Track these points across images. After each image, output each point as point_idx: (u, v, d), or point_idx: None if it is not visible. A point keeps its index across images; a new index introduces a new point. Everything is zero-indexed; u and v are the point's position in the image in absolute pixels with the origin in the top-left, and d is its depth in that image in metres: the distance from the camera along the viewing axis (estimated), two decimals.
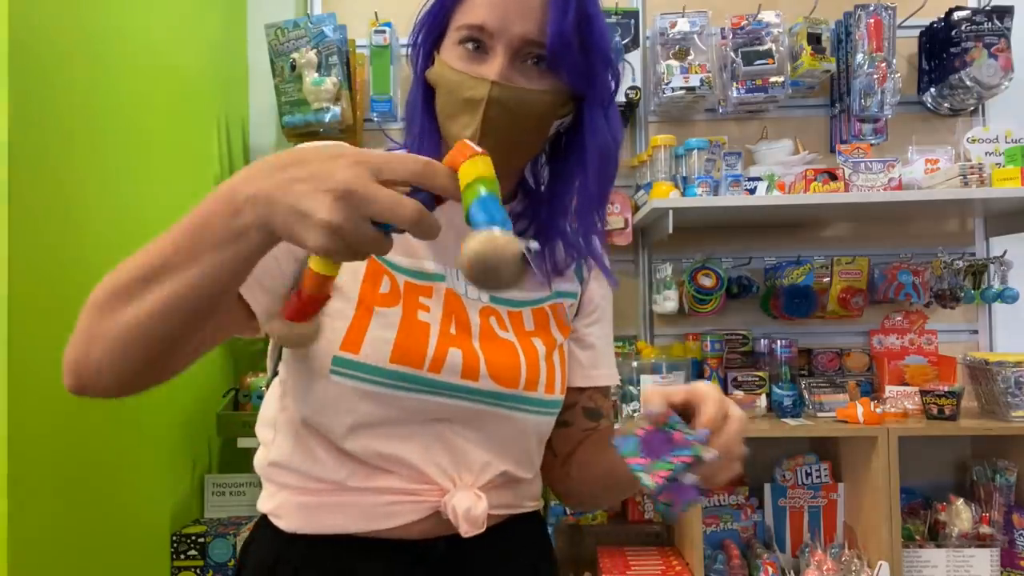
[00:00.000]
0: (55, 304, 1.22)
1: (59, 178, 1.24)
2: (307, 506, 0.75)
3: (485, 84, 0.70)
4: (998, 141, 1.96)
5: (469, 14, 0.72)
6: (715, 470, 0.63)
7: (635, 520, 2.03)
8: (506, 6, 0.70)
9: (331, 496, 0.75)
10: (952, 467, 2.04)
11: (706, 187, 1.87)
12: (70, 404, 1.25)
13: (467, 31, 0.72)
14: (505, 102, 0.71)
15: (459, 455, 0.76)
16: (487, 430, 0.77)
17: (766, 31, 2.00)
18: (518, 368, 0.77)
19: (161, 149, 1.61)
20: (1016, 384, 1.75)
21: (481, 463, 0.77)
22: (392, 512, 0.74)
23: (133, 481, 1.47)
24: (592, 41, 0.72)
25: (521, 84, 0.71)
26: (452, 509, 0.73)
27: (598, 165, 0.78)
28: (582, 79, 0.73)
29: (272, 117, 2.10)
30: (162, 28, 1.63)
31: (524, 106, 0.72)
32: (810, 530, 1.94)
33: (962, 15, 1.99)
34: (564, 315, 0.86)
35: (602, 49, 0.73)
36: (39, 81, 1.19)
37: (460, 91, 0.72)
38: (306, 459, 0.75)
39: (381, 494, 0.74)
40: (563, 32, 0.69)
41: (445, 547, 0.76)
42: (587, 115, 0.76)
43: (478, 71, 0.71)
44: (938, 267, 2.02)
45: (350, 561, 0.74)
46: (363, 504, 0.74)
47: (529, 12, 0.70)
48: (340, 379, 0.71)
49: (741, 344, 2.09)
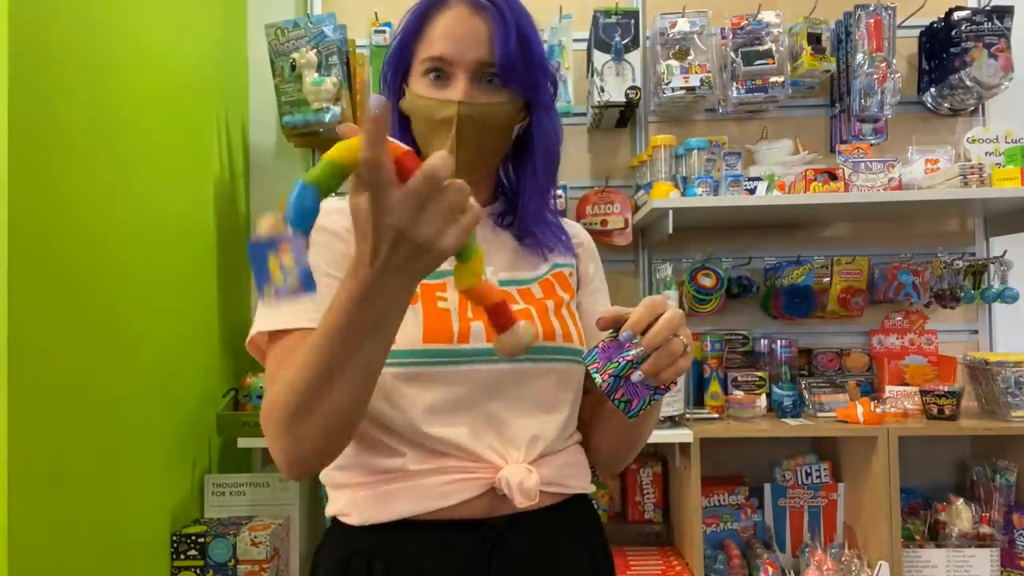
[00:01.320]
0: (55, 304, 1.22)
1: (59, 178, 1.24)
2: (371, 498, 0.82)
3: (453, 105, 0.83)
4: (998, 141, 1.96)
5: (429, 48, 0.85)
6: (657, 365, 0.72)
7: (635, 520, 2.03)
8: (460, 38, 0.84)
9: (392, 484, 0.81)
10: (952, 467, 2.04)
11: (706, 187, 1.87)
12: (70, 404, 1.26)
13: (430, 63, 0.85)
14: (473, 117, 0.84)
15: (506, 432, 0.83)
16: (525, 394, 0.85)
17: (766, 31, 2.00)
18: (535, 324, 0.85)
19: (161, 149, 1.61)
20: (1016, 384, 1.75)
21: (527, 438, 0.84)
22: (450, 491, 0.80)
23: (133, 481, 1.47)
24: (533, 57, 0.86)
25: (483, 100, 0.84)
26: (506, 482, 0.80)
27: (544, 155, 0.92)
28: (529, 88, 0.87)
29: (272, 117, 2.10)
30: (162, 28, 1.63)
31: (489, 118, 0.85)
32: (810, 530, 1.94)
33: (962, 15, 1.99)
34: (566, 280, 0.97)
35: (541, 63, 0.88)
36: (39, 81, 1.19)
37: (433, 114, 0.85)
38: (364, 454, 0.83)
39: (438, 474, 0.81)
40: (509, 53, 0.83)
41: (504, 525, 0.82)
42: (535, 117, 0.90)
43: (445, 95, 0.84)
44: (938, 267, 2.02)
45: (416, 545, 0.81)
46: (423, 487, 0.81)
47: (480, 40, 0.84)
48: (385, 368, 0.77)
49: (741, 344, 2.09)
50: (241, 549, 1.62)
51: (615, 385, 0.73)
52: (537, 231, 0.95)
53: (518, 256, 0.94)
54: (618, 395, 0.74)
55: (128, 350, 1.45)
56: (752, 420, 1.87)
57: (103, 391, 1.35)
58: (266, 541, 1.63)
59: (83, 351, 1.30)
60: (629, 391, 0.74)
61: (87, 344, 1.31)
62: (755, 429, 1.82)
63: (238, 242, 2.07)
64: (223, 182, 1.95)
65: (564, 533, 0.87)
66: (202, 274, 1.83)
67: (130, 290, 1.46)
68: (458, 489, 0.81)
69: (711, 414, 1.92)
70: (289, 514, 1.80)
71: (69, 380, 1.25)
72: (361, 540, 0.82)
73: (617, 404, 0.75)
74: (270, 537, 1.64)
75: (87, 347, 1.31)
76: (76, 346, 1.28)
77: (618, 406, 0.75)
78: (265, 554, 1.62)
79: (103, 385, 1.35)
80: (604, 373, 0.74)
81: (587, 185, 2.15)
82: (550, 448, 0.86)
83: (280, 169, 2.15)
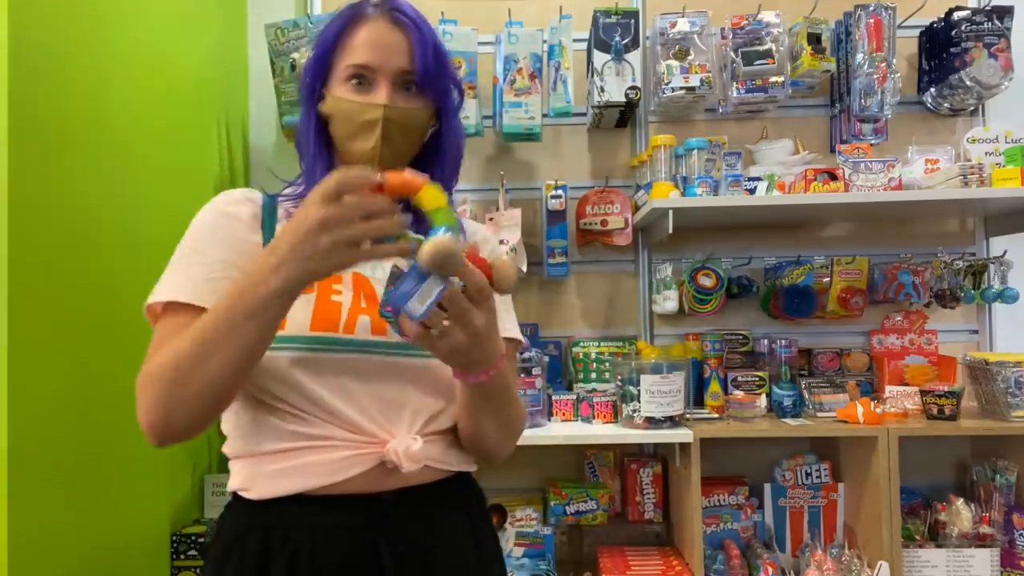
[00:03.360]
0: (55, 304, 1.22)
1: (59, 178, 1.24)
2: (265, 473, 0.87)
3: (379, 108, 0.91)
4: (998, 141, 1.96)
5: (353, 56, 0.92)
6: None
7: (635, 520, 2.03)
8: (384, 48, 0.92)
9: (286, 461, 0.87)
10: (952, 467, 2.04)
11: (706, 187, 1.87)
12: (70, 404, 1.26)
13: (354, 69, 0.92)
14: (396, 120, 0.91)
15: (391, 410, 0.89)
16: (408, 382, 0.91)
17: (766, 31, 2.00)
18: None
19: (161, 149, 1.61)
20: (1016, 384, 1.75)
21: (411, 412, 0.90)
22: (340, 467, 0.86)
23: (133, 481, 1.47)
24: (444, 67, 0.95)
25: (403, 105, 0.92)
26: (394, 452, 0.86)
27: (454, 155, 1.01)
28: (442, 95, 0.96)
29: (272, 117, 2.11)
30: (162, 28, 1.63)
31: (410, 121, 0.93)
32: (810, 530, 1.94)
33: (962, 15, 1.99)
34: None
35: (450, 73, 0.97)
36: (39, 81, 1.19)
37: (358, 116, 0.91)
38: (259, 431, 0.88)
39: (329, 451, 0.86)
40: (426, 62, 0.92)
41: (394, 498, 0.88)
42: (444, 122, 0.99)
43: (369, 99, 0.92)
44: (938, 267, 2.02)
45: (311, 517, 0.86)
46: (315, 463, 0.86)
47: (400, 51, 0.92)
48: (273, 352, 0.84)
49: (741, 344, 2.09)
50: None
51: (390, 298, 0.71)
52: None
53: None
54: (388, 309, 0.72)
55: (128, 350, 1.44)
56: (752, 420, 1.87)
57: (103, 391, 1.35)
58: None
59: (83, 351, 1.30)
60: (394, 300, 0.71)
61: (87, 344, 1.31)
62: (755, 429, 1.82)
63: None
64: (223, 182, 1.95)
65: (447, 506, 0.94)
66: None
67: (130, 290, 1.46)
68: (348, 465, 0.86)
69: (711, 414, 1.92)
70: None
71: (69, 380, 1.25)
72: (258, 514, 0.88)
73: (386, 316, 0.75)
74: None
75: (87, 347, 1.31)
76: (76, 346, 1.28)
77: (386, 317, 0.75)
78: None
79: (103, 385, 1.35)
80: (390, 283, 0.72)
81: (587, 185, 2.15)
82: (434, 427, 0.92)
83: (280, 169, 2.14)
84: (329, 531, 0.86)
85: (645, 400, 1.78)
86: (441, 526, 0.92)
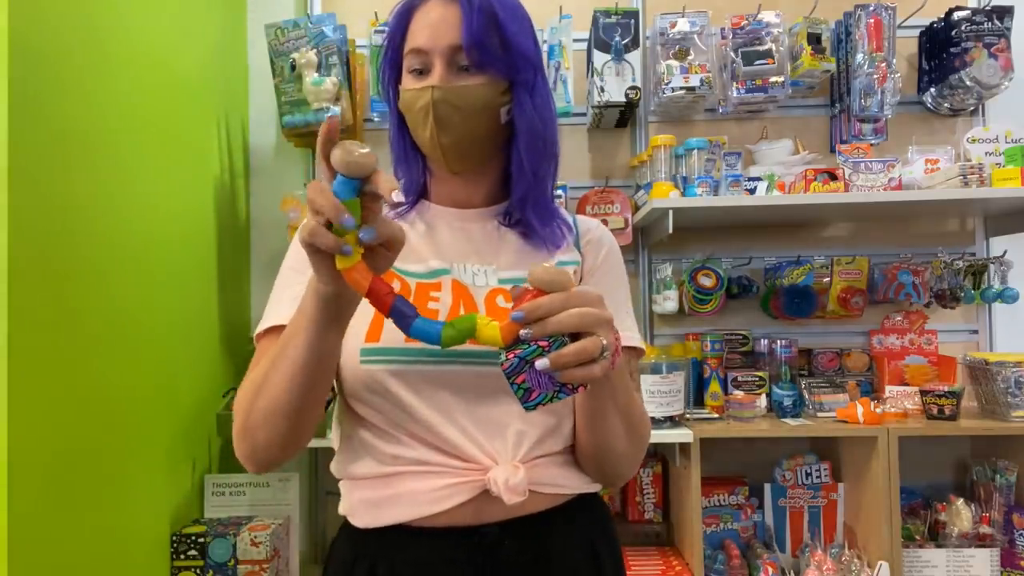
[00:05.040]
0: (55, 304, 1.22)
1: (59, 178, 1.24)
2: (370, 501, 0.84)
3: (427, 91, 0.84)
4: (998, 141, 1.96)
5: (411, 42, 0.86)
6: (562, 360, 0.63)
7: (635, 520, 2.03)
8: (434, 27, 0.84)
9: (383, 488, 0.84)
10: (952, 467, 2.04)
11: (706, 187, 1.87)
12: (70, 404, 1.26)
13: (413, 56, 0.86)
14: (448, 100, 0.83)
15: (492, 431, 0.83)
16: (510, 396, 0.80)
17: (766, 31, 2.00)
18: None
19: (161, 149, 1.61)
20: (1016, 384, 1.75)
21: (515, 433, 0.83)
22: (440, 496, 0.81)
23: (133, 481, 1.47)
24: (507, 37, 0.85)
25: (457, 83, 0.84)
26: (494, 481, 0.80)
27: (528, 138, 0.88)
28: (506, 68, 0.85)
29: (272, 117, 2.11)
30: (162, 28, 1.63)
31: (465, 99, 0.84)
32: (810, 530, 1.94)
33: (962, 15, 1.99)
34: None
35: (517, 44, 0.86)
36: (39, 81, 1.19)
37: (414, 105, 0.85)
38: (356, 451, 0.86)
39: (427, 478, 0.82)
40: (473, 35, 0.82)
41: (498, 531, 0.82)
42: (515, 98, 0.87)
43: (422, 83, 0.85)
44: (938, 267, 2.02)
45: (415, 551, 0.82)
46: (413, 492, 0.82)
47: (450, 26, 0.84)
48: (368, 365, 0.82)
49: (741, 344, 2.09)
50: (241, 549, 1.62)
51: (518, 368, 0.65)
52: (536, 225, 0.92)
53: (522, 255, 0.91)
54: (519, 380, 0.65)
55: (128, 350, 1.45)
56: (752, 420, 1.87)
57: (103, 391, 1.35)
58: (266, 541, 1.63)
59: (83, 351, 1.30)
60: (532, 379, 0.65)
61: (87, 344, 1.31)
62: (755, 429, 1.82)
63: (238, 242, 2.07)
64: (223, 182, 1.95)
65: (563, 536, 0.85)
66: (202, 274, 1.83)
67: (130, 290, 1.46)
68: (448, 494, 0.81)
69: (711, 414, 1.92)
70: (289, 514, 1.81)
71: (69, 380, 1.25)
72: (363, 544, 0.85)
73: (515, 390, 0.66)
74: (270, 537, 1.64)
75: (87, 347, 1.31)
76: (76, 346, 1.28)
77: (516, 392, 0.66)
78: (265, 554, 1.62)
79: (103, 385, 1.35)
80: (511, 352, 0.65)
81: (587, 185, 2.15)
82: (541, 449, 0.85)
83: (280, 169, 2.16)
84: (436, 567, 0.81)
85: (645, 400, 1.78)
86: (554, 558, 0.84)
